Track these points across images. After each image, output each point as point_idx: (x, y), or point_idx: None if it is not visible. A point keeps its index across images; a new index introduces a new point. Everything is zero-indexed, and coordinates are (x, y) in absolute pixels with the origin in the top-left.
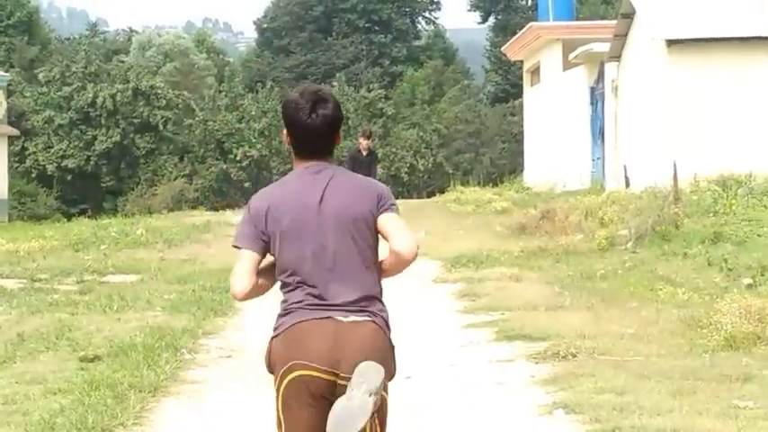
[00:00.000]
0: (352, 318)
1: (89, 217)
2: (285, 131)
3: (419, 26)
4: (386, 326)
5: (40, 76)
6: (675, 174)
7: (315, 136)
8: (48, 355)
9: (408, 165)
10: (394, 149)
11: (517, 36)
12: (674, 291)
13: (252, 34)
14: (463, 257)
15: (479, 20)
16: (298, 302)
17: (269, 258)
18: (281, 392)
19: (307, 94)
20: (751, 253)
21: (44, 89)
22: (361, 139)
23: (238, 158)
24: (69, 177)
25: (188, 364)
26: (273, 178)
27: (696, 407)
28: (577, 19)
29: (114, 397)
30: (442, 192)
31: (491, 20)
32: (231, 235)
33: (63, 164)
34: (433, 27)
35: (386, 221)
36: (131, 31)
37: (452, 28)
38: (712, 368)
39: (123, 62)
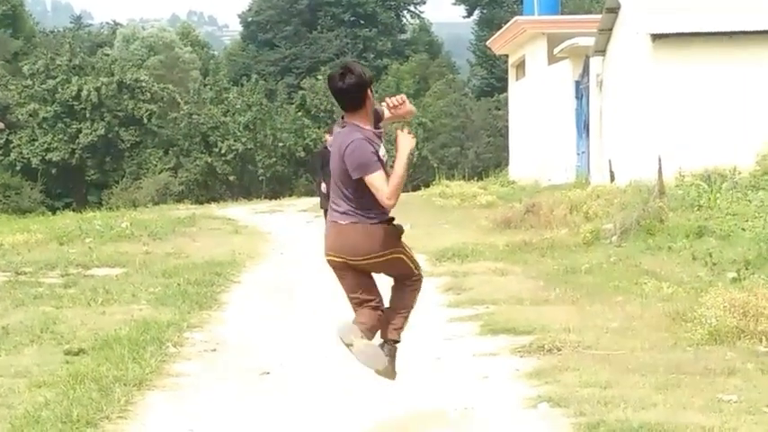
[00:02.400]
0: (344, 220)
1: (74, 210)
2: None
3: (404, 20)
4: (367, 220)
5: (25, 68)
6: (660, 168)
7: (345, 97)
8: (32, 348)
9: (393, 158)
10: None
11: (502, 30)
12: (659, 285)
13: (237, 27)
14: (448, 251)
15: (465, 14)
16: (328, 211)
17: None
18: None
19: (338, 68)
20: (735, 247)
21: (28, 82)
22: (327, 136)
23: (223, 152)
24: (54, 170)
25: (173, 357)
26: (258, 171)
27: (680, 401)
28: (562, 13)
29: (99, 390)
30: (428, 185)
31: (476, 14)
32: (216, 228)
33: (48, 157)
34: (418, 21)
35: (369, 183)
36: (116, 24)
37: (437, 22)
38: (696, 362)
39: (108, 55)
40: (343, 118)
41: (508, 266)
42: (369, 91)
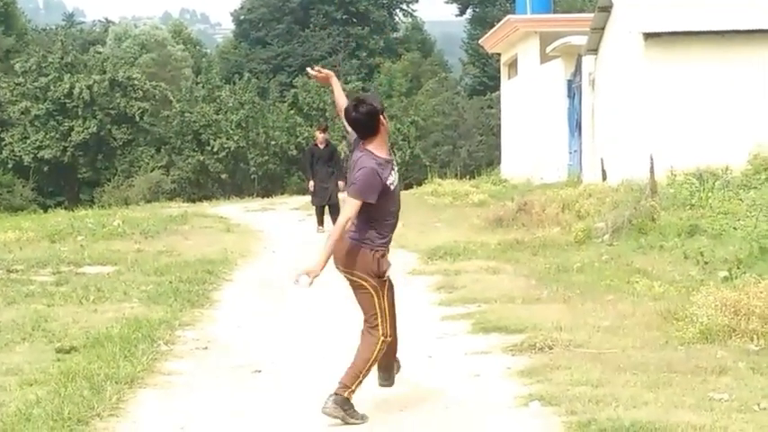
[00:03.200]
0: (347, 237)
1: (65, 208)
2: None
3: (397, 18)
4: (359, 240)
5: (17, 66)
6: (652, 167)
7: (359, 126)
8: (24, 346)
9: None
10: None
11: (495, 29)
12: (651, 283)
13: (229, 26)
14: (440, 250)
15: (457, 12)
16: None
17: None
18: None
19: (353, 101)
20: (727, 246)
21: (20, 80)
22: (318, 133)
23: (215, 150)
24: (46, 168)
25: (165, 355)
26: (251, 170)
27: (672, 399)
28: (555, 12)
29: (91, 388)
30: (420, 184)
31: (469, 12)
32: (208, 226)
33: (39, 155)
34: (410, 19)
35: (347, 199)
36: (108, 21)
37: (430, 20)
38: (688, 361)
39: (100, 53)
40: (358, 141)
41: (500, 265)
42: (382, 117)
